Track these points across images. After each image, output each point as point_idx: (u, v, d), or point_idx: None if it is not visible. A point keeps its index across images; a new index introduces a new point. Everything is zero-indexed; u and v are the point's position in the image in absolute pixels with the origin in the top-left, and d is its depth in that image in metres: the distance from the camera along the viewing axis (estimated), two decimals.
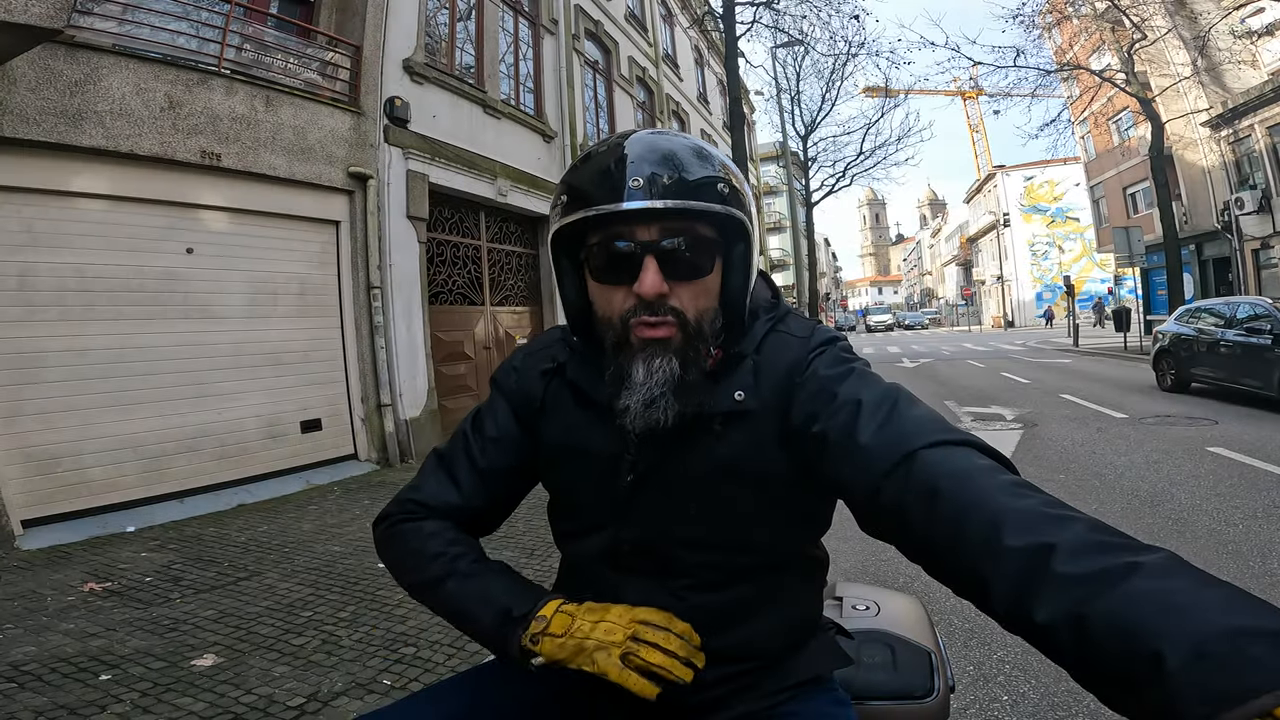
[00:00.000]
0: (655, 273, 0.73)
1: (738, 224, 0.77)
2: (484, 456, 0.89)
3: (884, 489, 0.63)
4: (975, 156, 53.95)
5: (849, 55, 17.95)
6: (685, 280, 0.76)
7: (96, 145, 4.54)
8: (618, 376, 0.76)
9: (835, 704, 0.84)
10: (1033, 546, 0.51)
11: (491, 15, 8.73)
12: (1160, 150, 15.30)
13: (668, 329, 0.75)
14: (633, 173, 0.72)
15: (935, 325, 51.90)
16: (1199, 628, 0.40)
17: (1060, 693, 2.13)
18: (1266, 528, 3.54)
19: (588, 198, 0.74)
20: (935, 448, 0.63)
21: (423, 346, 7.11)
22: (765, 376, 0.79)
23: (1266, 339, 7.16)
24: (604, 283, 0.77)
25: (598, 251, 0.77)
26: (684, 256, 0.75)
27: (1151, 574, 0.45)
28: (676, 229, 0.74)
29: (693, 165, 0.75)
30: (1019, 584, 0.50)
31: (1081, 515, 0.53)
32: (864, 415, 0.69)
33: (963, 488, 0.58)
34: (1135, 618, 0.43)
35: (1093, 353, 16.24)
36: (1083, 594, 0.46)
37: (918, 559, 0.62)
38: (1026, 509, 0.54)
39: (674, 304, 0.75)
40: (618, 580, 0.82)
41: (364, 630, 2.82)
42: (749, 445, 0.77)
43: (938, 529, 0.58)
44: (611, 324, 0.77)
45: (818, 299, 26.28)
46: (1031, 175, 38.32)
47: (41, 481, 4.34)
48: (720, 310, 0.79)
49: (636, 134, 0.79)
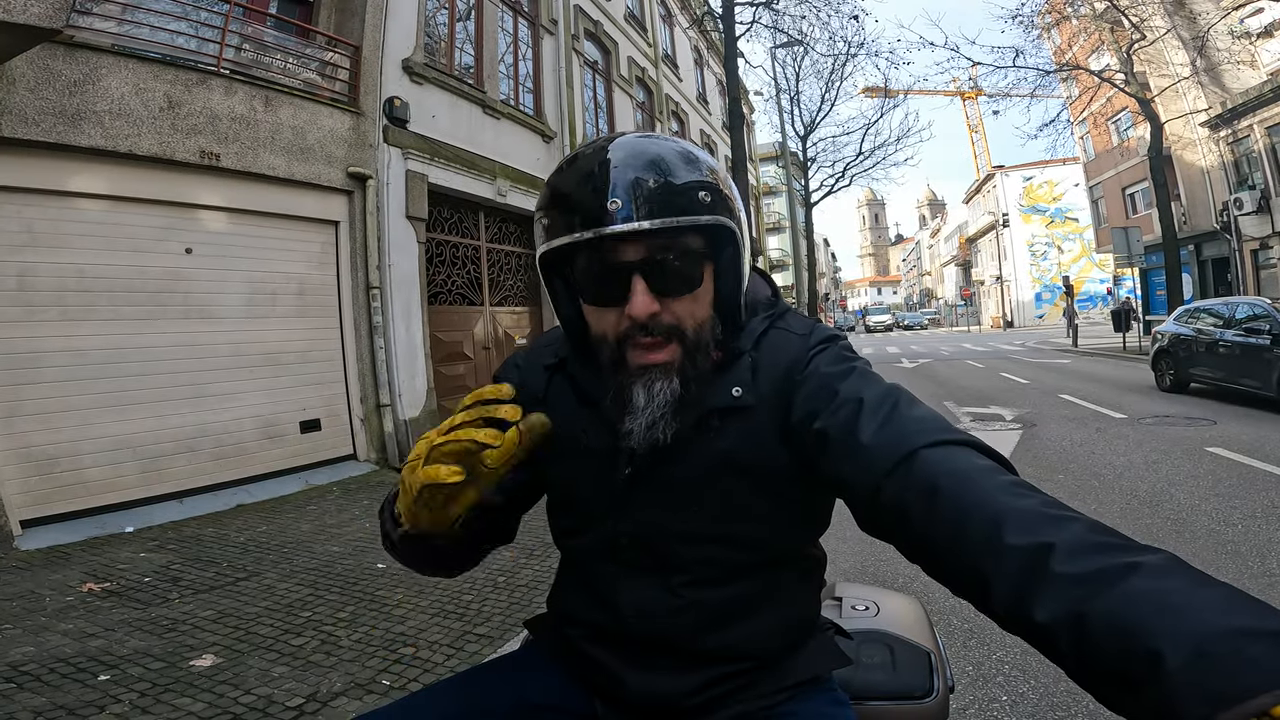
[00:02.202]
0: (645, 292, 0.72)
1: (725, 229, 0.76)
2: None
3: (884, 488, 0.63)
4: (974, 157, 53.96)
5: (848, 55, 17.98)
6: (677, 295, 0.75)
7: (96, 145, 4.54)
8: (619, 400, 0.76)
9: (834, 704, 0.84)
10: (1032, 546, 0.51)
11: (491, 15, 8.73)
12: (1159, 150, 15.31)
13: (666, 351, 0.75)
14: (613, 191, 0.71)
15: (934, 325, 51.94)
16: (1198, 627, 0.41)
17: (1059, 693, 2.13)
18: (1265, 528, 3.55)
19: (569, 218, 0.73)
20: (936, 447, 0.64)
21: (422, 347, 7.11)
22: (764, 373, 0.79)
23: (1265, 339, 7.17)
24: (595, 305, 0.77)
25: (585, 274, 0.76)
26: (674, 271, 0.74)
27: (1150, 574, 0.45)
28: (663, 245, 0.73)
29: (672, 176, 0.73)
30: (1018, 583, 0.50)
31: (1081, 516, 0.53)
32: (865, 414, 0.69)
33: (963, 487, 0.59)
34: (1134, 617, 0.43)
35: (1091, 353, 16.26)
36: (1082, 593, 0.46)
37: (917, 558, 0.62)
38: (1027, 508, 0.55)
39: (669, 320, 0.74)
40: (615, 576, 0.82)
41: (363, 630, 2.81)
42: (747, 440, 0.77)
43: (938, 528, 0.58)
44: (606, 342, 0.76)
45: (817, 299, 26.27)
46: (1030, 175, 38.33)
47: (40, 482, 4.34)
48: (716, 315, 0.79)
49: (620, 140, 0.77)
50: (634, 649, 0.81)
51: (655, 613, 0.80)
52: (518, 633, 2.69)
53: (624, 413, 0.75)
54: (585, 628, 0.85)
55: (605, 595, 0.82)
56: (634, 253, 0.73)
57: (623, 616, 0.81)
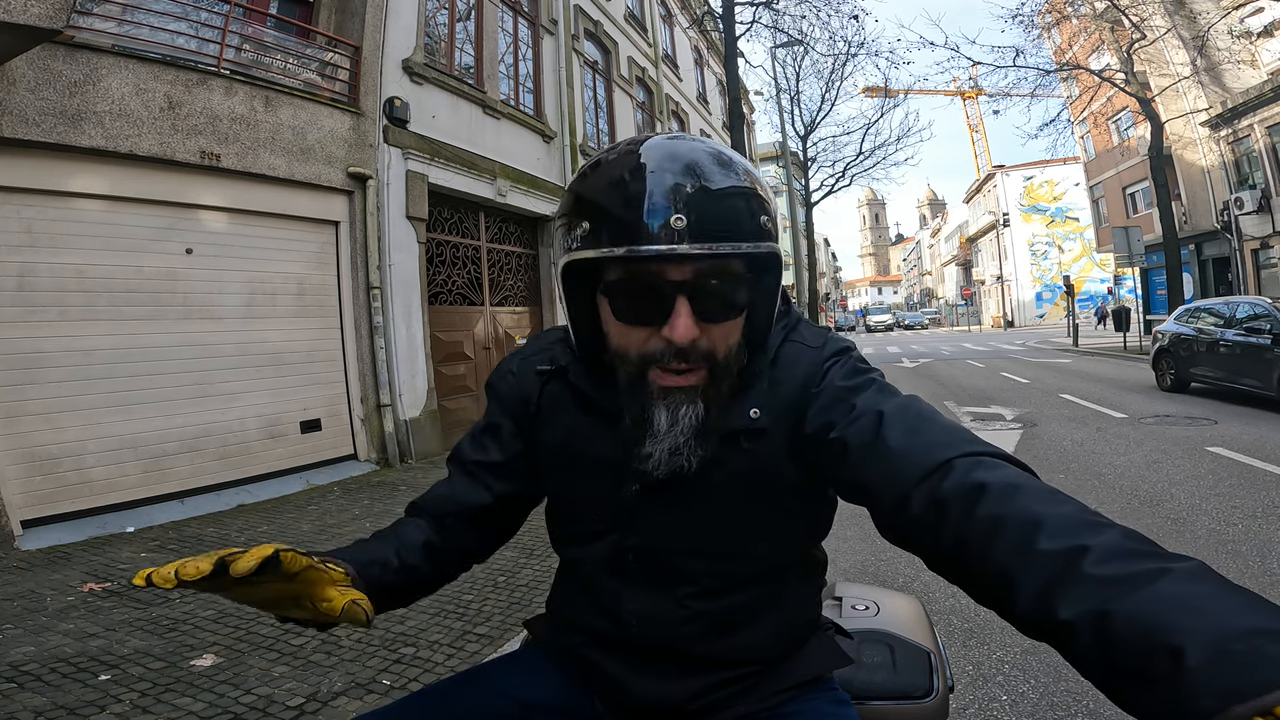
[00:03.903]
0: (689, 317, 0.69)
1: (772, 257, 0.73)
2: (478, 454, 0.89)
3: (915, 495, 0.62)
4: (975, 156, 54.01)
5: (848, 55, 17.98)
6: (719, 321, 0.72)
7: (96, 146, 4.54)
8: (640, 421, 0.73)
9: (835, 704, 0.84)
10: (1067, 549, 0.50)
11: (491, 15, 8.72)
12: (1159, 150, 15.31)
13: (696, 376, 0.72)
14: (668, 207, 0.66)
15: (935, 325, 51.94)
16: (1221, 627, 0.41)
17: (1059, 692, 2.13)
18: (1265, 527, 3.55)
19: (616, 230, 0.68)
20: (969, 458, 0.63)
21: (422, 347, 7.11)
22: (780, 390, 0.77)
23: (1266, 339, 7.17)
24: (626, 323, 0.72)
25: (620, 289, 0.72)
26: (720, 296, 0.71)
27: (1179, 579, 0.45)
28: (715, 269, 0.70)
29: (738, 197, 0.69)
30: (1047, 582, 0.50)
31: (1117, 525, 0.53)
32: (888, 423, 0.68)
33: (1003, 495, 0.58)
34: (1158, 616, 0.43)
35: (1092, 352, 16.26)
36: (1110, 594, 0.46)
37: (942, 565, 0.61)
38: (1064, 514, 0.54)
39: (705, 346, 0.71)
40: (618, 587, 0.82)
41: (363, 630, 2.81)
42: (760, 460, 0.77)
43: (972, 532, 0.57)
44: (628, 360, 0.73)
45: (817, 299, 26.27)
46: (1031, 175, 38.33)
47: (41, 482, 4.34)
48: (744, 343, 0.77)
49: (654, 142, 0.72)
50: (636, 655, 0.81)
51: (659, 622, 0.79)
52: (518, 633, 2.69)
53: (645, 435, 0.73)
54: (586, 634, 0.85)
55: (607, 604, 0.82)
56: (680, 273, 0.69)
57: (625, 625, 0.81)
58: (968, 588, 0.59)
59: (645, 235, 0.67)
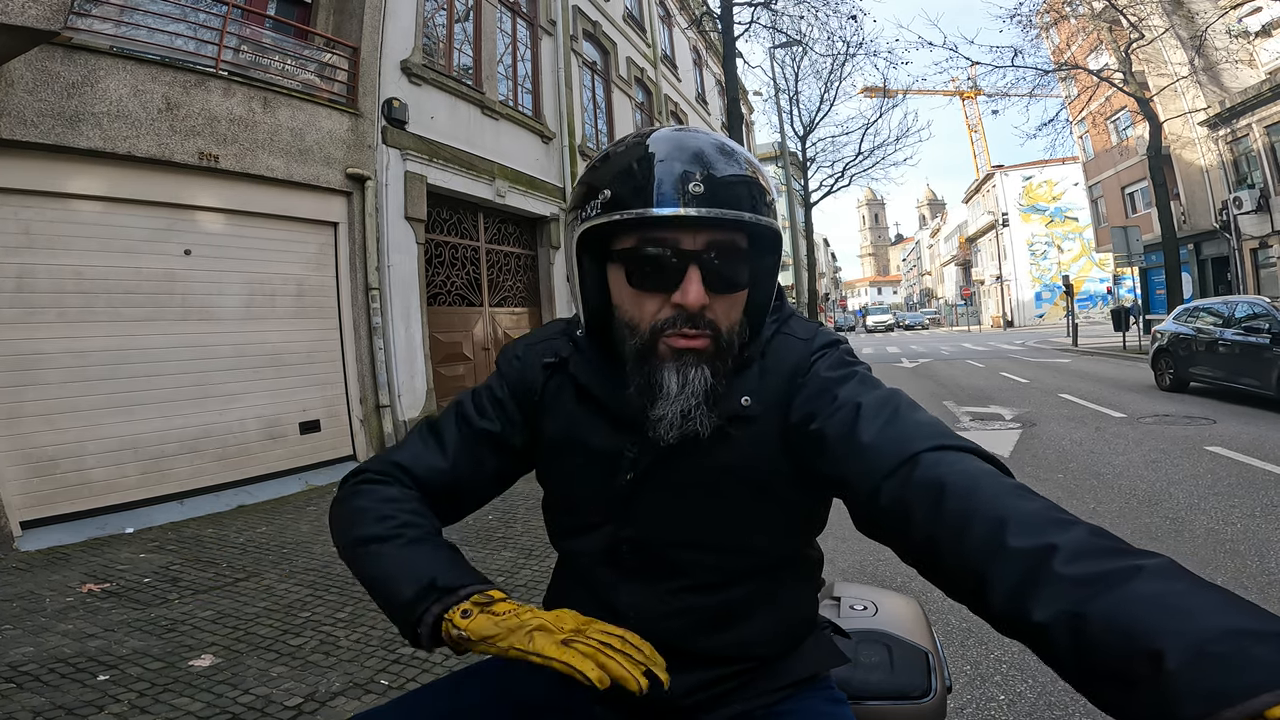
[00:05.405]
0: (699, 283, 0.72)
1: (773, 236, 0.77)
2: (480, 419, 0.87)
3: (884, 489, 0.63)
4: (974, 156, 54.04)
5: (847, 55, 17.96)
6: (724, 293, 0.75)
7: (94, 147, 4.53)
8: (648, 386, 0.74)
9: (831, 703, 0.84)
10: (1035, 547, 0.51)
11: (489, 16, 8.73)
12: (1158, 150, 15.33)
13: (704, 340, 0.74)
14: (685, 176, 0.70)
15: (934, 325, 51.97)
16: (1200, 628, 0.41)
17: (1057, 692, 2.13)
18: (1264, 527, 3.55)
19: (633, 196, 0.71)
20: (938, 451, 0.64)
21: (421, 348, 7.11)
22: (769, 380, 0.79)
23: (1265, 338, 7.18)
24: (640, 289, 0.75)
25: (634, 256, 0.74)
26: (726, 268, 0.74)
27: (1151, 577, 0.46)
28: (722, 241, 0.73)
29: (748, 173, 0.74)
30: (1018, 583, 0.50)
31: (1083, 521, 0.54)
32: (865, 416, 0.69)
33: (968, 490, 0.58)
34: (1135, 617, 0.43)
35: (1091, 352, 16.27)
36: (1083, 594, 0.46)
37: (913, 559, 0.62)
38: (1031, 511, 0.55)
39: (710, 316, 0.74)
40: (614, 580, 0.82)
41: (362, 630, 2.81)
42: (751, 449, 0.77)
43: (940, 529, 0.58)
44: (638, 330, 0.75)
45: (817, 299, 26.25)
46: (1030, 175, 38.36)
47: (41, 483, 4.34)
48: (744, 322, 0.79)
49: (662, 133, 0.76)
50: None
51: (654, 616, 0.80)
52: None
53: (655, 399, 0.74)
54: None
55: (604, 597, 0.82)
56: (692, 242, 0.72)
57: (621, 618, 0.80)
58: (939, 583, 0.60)
59: (665, 200, 0.70)
